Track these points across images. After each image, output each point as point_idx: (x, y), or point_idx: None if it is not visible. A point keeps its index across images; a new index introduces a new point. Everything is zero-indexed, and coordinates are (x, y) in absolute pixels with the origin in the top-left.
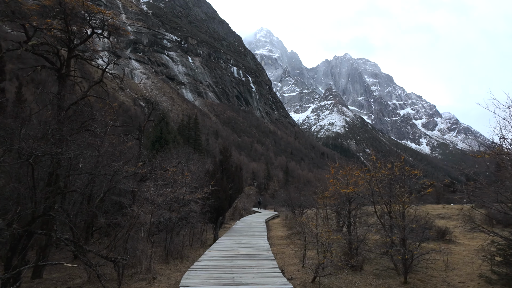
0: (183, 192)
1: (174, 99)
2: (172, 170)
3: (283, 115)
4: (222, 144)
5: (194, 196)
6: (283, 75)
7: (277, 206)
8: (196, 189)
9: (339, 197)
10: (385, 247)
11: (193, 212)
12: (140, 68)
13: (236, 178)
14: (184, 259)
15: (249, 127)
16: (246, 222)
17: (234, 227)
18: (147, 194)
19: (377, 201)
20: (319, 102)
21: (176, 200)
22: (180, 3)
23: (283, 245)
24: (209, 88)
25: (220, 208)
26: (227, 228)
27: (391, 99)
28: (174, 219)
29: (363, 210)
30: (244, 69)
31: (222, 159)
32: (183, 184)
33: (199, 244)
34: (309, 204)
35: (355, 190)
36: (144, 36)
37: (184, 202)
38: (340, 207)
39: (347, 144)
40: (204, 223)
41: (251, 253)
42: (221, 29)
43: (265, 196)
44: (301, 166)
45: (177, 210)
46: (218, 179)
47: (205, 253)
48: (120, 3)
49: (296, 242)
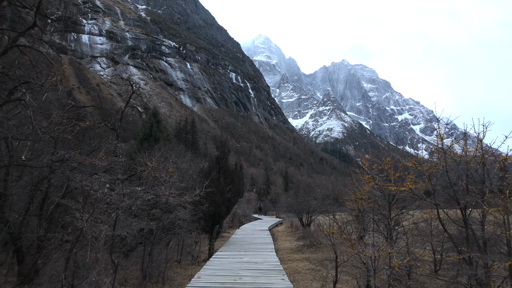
0: (167, 194)
1: (172, 104)
2: (152, 166)
3: (282, 120)
4: (219, 137)
5: (182, 200)
6: (281, 81)
7: (279, 212)
8: (185, 191)
9: (373, 199)
10: (455, 270)
11: (180, 220)
12: (138, 74)
13: (236, 179)
14: (168, 283)
15: (247, 133)
16: (247, 231)
17: (234, 237)
18: (99, 193)
19: (438, 203)
20: (317, 107)
21: (156, 204)
22: (179, 10)
23: (294, 260)
24: (208, 93)
25: (217, 214)
26: (226, 237)
27: (389, 104)
28: (155, 229)
29: (407, 217)
30: (242, 75)
31: (219, 155)
32: (168, 184)
33: (189, 260)
34: (324, 210)
35: (410, 188)
36: (143, 42)
37: (168, 207)
38: (379, 212)
39: (345, 150)
40: (196, 233)
41: (259, 280)
42: (220, 35)
43: (265, 202)
44: (301, 172)
45: (159, 217)
46: (214, 179)
47: (191, 282)
48: (118, 9)
49: (311, 257)
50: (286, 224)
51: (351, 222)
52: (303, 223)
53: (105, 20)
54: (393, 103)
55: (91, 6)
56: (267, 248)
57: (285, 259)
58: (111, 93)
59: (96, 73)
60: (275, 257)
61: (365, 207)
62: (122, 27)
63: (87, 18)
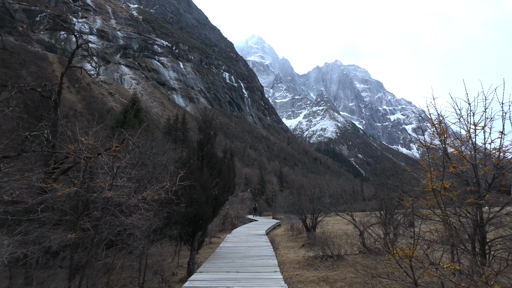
0: (102, 185)
1: (164, 104)
2: (87, 144)
3: (276, 120)
4: (203, 115)
5: (137, 197)
6: (275, 82)
7: (276, 213)
8: (144, 185)
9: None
10: None
11: (136, 228)
12: (130, 73)
13: (225, 170)
14: None
15: (241, 133)
16: (240, 236)
17: (224, 245)
18: None
19: None
20: (311, 108)
21: (90, 203)
22: (171, 9)
23: (308, 282)
24: (201, 93)
25: (198, 217)
26: (215, 244)
27: (382, 104)
28: (90, 243)
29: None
30: (236, 75)
31: (202, 139)
32: (112, 172)
33: (157, 282)
34: (341, 209)
35: None
36: (134, 41)
37: (114, 208)
38: (465, 213)
39: (339, 149)
40: (178, 243)
41: None
42: (213, 35)
43: (259, 202)
44: (295, 171)
45: (95, 225)
46: (194, 169)
47: None
48: (109, 8)
49: (330, 276)
50: (285, 226)
51: (374, 225)
52: (307, 225)
53: (96, 19)
54: (386, 103)
55: (82, 5)
56: (267, 265)
57: (294, 279)
58: (102, 93)
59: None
60: (282, 282)
61: (438, 202)
62: (113, 26)
63: (77, 16)
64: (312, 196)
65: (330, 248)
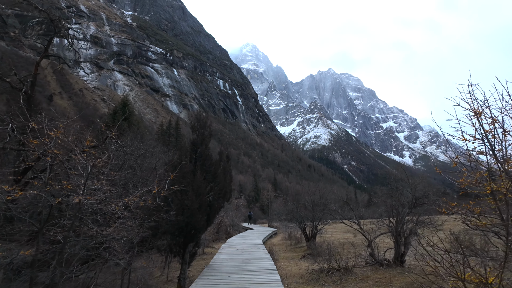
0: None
1: (158, 111)
2: (57, 137)
3: (270, 128)
4: (196, 114)
5: (118, 204)
6: (269, 89)
7: (271, 220)
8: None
9: None
10: None
11: (113, 239)
12: (124, 79)
13: (221, 174)
14: None
15: (235, 140)
16: (236, 246)
17: (219, 257)
18: None
19: None
20: (304, 115)
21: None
22: (166, 17)
23: None
24: (195, 100)
25: (190, 226)
26: (208, 256)
27: (374, 112)
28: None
29: None
30: (230, 82)
31: (195, 139)
32: (86, 174)
33: None
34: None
35: None
36: (128, 48)
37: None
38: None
39: (332, 157)
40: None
41: None
42: (207, 42)
43: (254, 209)
44: (289, 179)
45: (65, 236)
46: (186, 172)
47: None
48: (104, 15)
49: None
50: (282, 235)
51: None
52: (307, 234)
53: (89, 25)
54: (378, 111)
55: (75, 11)
56: (269, 281)
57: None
58: (95, 99)
59: (79, 78)
60: None
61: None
62: (107, 32)
63: (71, 22)
64: (312, 203)
65: (336, 260)
